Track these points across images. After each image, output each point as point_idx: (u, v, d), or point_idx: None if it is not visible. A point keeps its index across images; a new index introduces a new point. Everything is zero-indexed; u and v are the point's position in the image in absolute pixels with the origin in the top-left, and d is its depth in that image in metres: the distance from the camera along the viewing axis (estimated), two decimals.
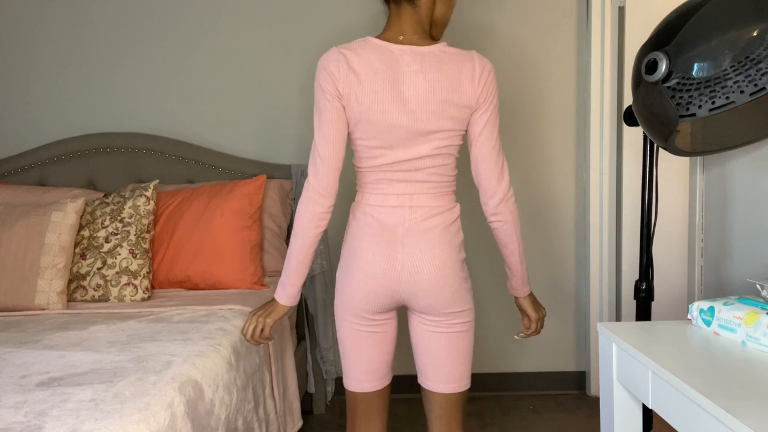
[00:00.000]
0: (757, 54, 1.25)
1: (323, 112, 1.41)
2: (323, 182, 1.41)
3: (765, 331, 1.12)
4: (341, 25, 2.76)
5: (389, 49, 1.40)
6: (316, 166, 1.42)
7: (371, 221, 1.44)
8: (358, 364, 1.50)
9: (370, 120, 1.39)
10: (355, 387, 1.53)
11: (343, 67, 1.38)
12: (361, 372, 1.51)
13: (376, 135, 1.40)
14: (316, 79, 1.41)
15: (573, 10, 2.78)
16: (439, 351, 1.48)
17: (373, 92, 1.37)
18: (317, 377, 2.69)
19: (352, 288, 1.45)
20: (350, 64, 1.38)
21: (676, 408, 1.04)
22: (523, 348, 2.90)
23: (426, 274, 1.41)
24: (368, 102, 1.38)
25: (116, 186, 2.68)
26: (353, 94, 1.38)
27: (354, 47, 1.41)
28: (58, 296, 2.09)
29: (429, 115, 1.39)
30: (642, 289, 1.73)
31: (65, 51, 2.80)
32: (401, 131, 1.39)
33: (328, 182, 1.42)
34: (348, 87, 1.37)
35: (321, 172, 1.41)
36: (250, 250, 2.37)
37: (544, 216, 2.85)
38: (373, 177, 1.45)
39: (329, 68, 1.39)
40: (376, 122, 1.39)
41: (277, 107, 2.81)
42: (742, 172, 1.69)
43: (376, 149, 1.42)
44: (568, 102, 2.81)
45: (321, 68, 1.41)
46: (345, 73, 1.37)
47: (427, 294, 1.43)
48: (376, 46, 1.40)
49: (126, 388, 1.33)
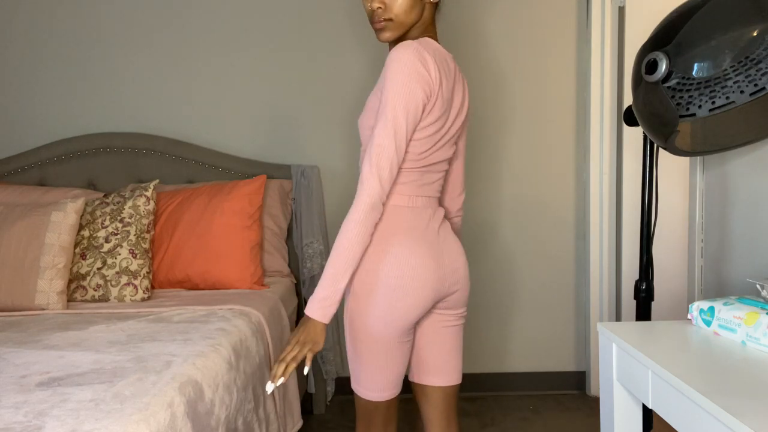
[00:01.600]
0: (757, 54, 1.25)
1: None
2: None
3: (765, 331, 1.12)
4: (341, 25, 2.76)
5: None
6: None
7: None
8: (386, 375, 1.42)
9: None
10: (375, 396, 1.45)
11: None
12: (387, 383, 1.44)
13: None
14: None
15: (573, 10, 2.78)
16: (451, 344, 1.52)
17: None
18: (317, 377, 2.69)
19: (406, 301, 1.38)
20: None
21: (676, 408, 1.04)
22: (524, 348, 2.90)
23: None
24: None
25: (116, 186, 2.68)
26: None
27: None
28: (58, 296, 2.09)
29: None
30: (642, 289, 1.72)
31: (65, 51, 2.80)
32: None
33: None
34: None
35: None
36: (250, 250, 2.37)
37: (544, 216, 2.85)
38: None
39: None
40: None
41: (277, 107, 2.81)
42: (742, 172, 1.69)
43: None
44: (568, 102, 2.81)
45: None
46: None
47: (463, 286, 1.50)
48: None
49: (126, 388, 1.32)
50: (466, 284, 1.50)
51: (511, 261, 2.86)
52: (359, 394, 1.46)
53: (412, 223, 1.41)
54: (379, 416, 1.47)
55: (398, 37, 1.40)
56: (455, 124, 1.45)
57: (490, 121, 2.81)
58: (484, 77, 2.79)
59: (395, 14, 1.36)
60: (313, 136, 2.80)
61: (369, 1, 1.38)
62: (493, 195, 2.83)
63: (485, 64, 2.79)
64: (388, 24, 1.38)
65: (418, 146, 1.38)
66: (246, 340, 1.81)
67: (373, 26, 1.40)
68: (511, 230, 2.85)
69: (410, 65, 1.30)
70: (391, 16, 1.37)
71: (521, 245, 2.86)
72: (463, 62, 2.78)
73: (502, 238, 2.85)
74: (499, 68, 2.79)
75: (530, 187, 2.84)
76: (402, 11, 1.36)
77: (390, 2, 1.36)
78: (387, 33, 1.39)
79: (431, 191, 1.46)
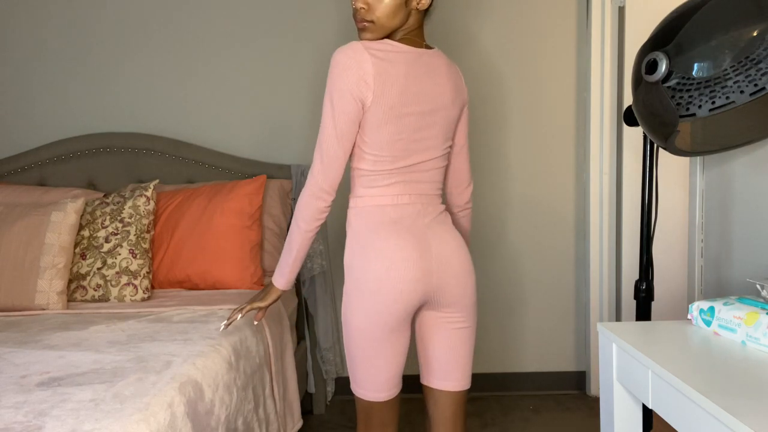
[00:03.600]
0: (757, 54, 1.25)
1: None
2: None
3: (765, 331, 1.12)
4: (341, 25, 2.76)
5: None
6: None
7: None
8: (379, 373, 1.44)
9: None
10: (371, 397, 1.46)
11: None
12: (382, 382, 1.45)
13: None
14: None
15: (573, 10, 2.78)
16: (460, 348, 1.50)
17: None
18: (317, 377, 2.69)
19: (383, 294, 1.40)
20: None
21: (676, 408, 1.04)
22: (523, 348, 2.90)
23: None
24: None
25: (116, 186, 2.68)
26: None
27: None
28: (58, 296, 2.09)
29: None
30: (642, 289, 1.72)
31: (65, 52, 2.80)
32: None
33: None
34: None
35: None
36: (250, 250, 2.37)
37: (544, 216, 2.85)
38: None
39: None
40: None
41: (277, 107, 2.81)
42: (742, 172, 1.69)
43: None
44: (568, 102, 2.81)
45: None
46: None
47: (457, 282, 1.47)
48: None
49: (126, 388, 1.32)
50: (463, 279, 1.47)
51: (511, 261, 2.86)
52: (357, 394, 1.49)
53: (396, 218, 1.42)
54: (377, 417, 1.48)
55: (379, 39, 1.43)
56: (425, 119, 1.43)
57: (490, 121, 2.81)
58: (484, 77, 2.79)
59: (377, 17, 1.39)
60: (313, 136, 2.77)
61: (354, 0, 1.41)
62: (493, 195, 2.83)
63: (485, 64, 2.79)
64: (370, 25, 1.41)
65: (390, 148, 1.41)
66: (246, 340, 1.81)
67: (356, 24, 1.43)
68: (511, 230, 2.85)
69: (342, 64, 1.37)
70: (373, 18, 1.40)
71: (521, 245, 2.86)
72: (463, 62, 2.77)
73: (502, 237, 2.85)
74: (500, 68, 2.79)
75: (530, 187, 2.84)
76: (384, 15, 1.39)
77: (374, 4, 1.39)
78: (368, 34, 1.42)
79: (422, 189, 1.46)
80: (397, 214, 1.43)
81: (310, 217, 1.43)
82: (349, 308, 1.43)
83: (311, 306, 2.66)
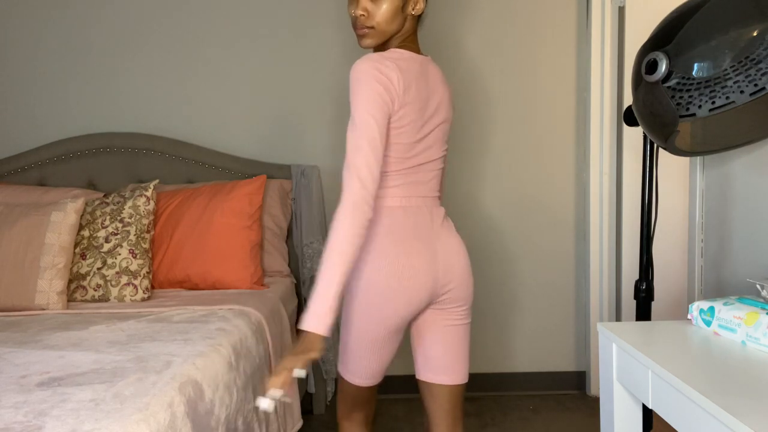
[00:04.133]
0: (757, 54, 1.25)
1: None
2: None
3: (765, 331, 1.12)
4: (340, 26, 2.76)
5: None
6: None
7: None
8: (374, 366, 1.50)
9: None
10: (361, 383, 1.52)
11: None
12: (374, 372, 1.51)
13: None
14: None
15: (573, 10, 2.78)
16: (458, 343, 1.53)
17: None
18: (317, 377, 2.69)
19: (399, 297, 1.42)
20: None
21: (676, 408, 1.04)
22: (523, 348, 2.90)
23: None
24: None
25: (116, 186, 2.68)
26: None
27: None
28: (58, 296, 2.09)
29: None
30: (642, 289, 1.72)
31: (65, 52, 2.80)
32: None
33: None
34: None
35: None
36: (250, 250, 2.37)
37: (544, 216, 2.85)
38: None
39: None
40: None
41: (277, 107, 2.81)
42: (742, 172, 1.69)
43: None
44: (568, 102, 2.81)
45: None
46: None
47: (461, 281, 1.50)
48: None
49: (126, 388, 1.33)
50: (465, 281, 1.51)
51: (511, 261, 2.86)
52: (346, 378, 1.54)
53: (406, 223, 1.44)
54: (361, 398, 1.56)
55: (379, 45, 1.46)
56: (430, 122, 1.47)
57: (491, 122, 2.81)
58: (484, 77, 2.79)
59: (377, 22, 1.42)
60: (313, 136, 2.81)
61: (353, 8, 1.43)
62: (493, 195, 2.83)
63: (485, 64, 2.79)
64: (370, 32, 1.43)
65: (402, 150, 1.42)
66: (246, 340, 1.81)
67: (356, 32, 1.46)
68: (511, 230, 2.85)
69: (369, 74, 1.36)
70: (373, 24, 1.42)
71: (521, 245, 2.86)
72: (462, 62, 2.78)
73: (502, 237, 2.85)
74: (500, 68, 2.79)
75: (530, 187, 2.84)
76: (383, 20, 1.42)
77: (373, 11, 1.41)
78: (368, 40, 1.45)
79: (427, 191, 1.49)
80: (406, 217, 1.45)
81: (361, 226, 1.33)
82: (354, 309, 1.45)
83: None
